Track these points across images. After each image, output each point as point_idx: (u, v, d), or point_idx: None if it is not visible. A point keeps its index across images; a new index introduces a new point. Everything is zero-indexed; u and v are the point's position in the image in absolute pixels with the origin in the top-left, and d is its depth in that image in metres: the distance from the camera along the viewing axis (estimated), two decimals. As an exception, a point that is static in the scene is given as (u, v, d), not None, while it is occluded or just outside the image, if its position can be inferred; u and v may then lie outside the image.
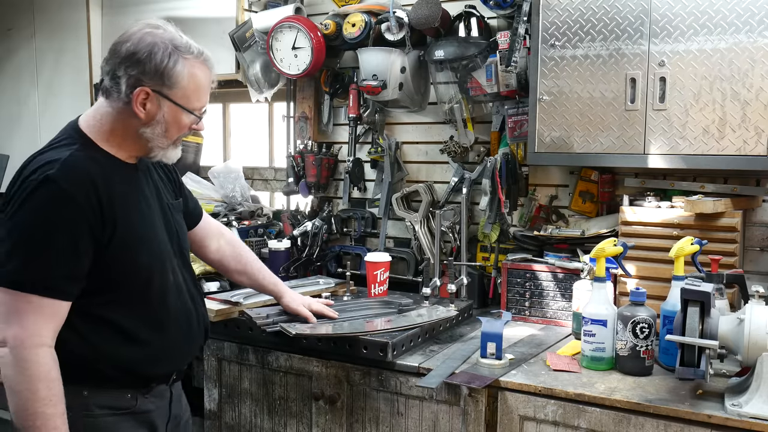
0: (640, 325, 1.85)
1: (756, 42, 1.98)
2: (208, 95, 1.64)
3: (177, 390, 1.81)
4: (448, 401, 1.93)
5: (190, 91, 1.58)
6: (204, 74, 1.61)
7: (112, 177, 1.56)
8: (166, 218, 1.71)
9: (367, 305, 2.36)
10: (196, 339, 1.78)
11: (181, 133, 1.63)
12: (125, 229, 1.55)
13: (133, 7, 3.53)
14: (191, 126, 1.64)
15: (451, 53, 2.57)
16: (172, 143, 1.63)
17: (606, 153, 2.21)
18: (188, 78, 1.57)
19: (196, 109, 1.61)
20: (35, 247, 1.46)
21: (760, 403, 1.60)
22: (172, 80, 1.55)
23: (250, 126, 3.69)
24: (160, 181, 1.76)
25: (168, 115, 1.58)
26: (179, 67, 1.55)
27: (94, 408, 1.58)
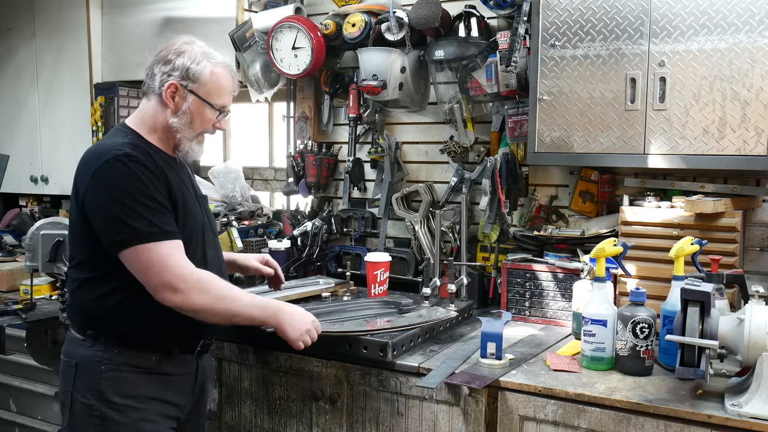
0: (640, 325, 1.85)
1: (756, 42, 1.98)
2: (230, 98, 1.89)
3: (203, 362, 1.97)
4: (448, 401, 1.93)
5: (213, 88, 1.84)
6: (226, 77, 1.87)
7: (161, 157, 1.83)
8: (200, 203, 1.95)
9: (367, 305, 2.36)
10: None
11: (204, 127, 1.87)
12: (176, 196, 1.80)
13: (133, 6, 3.53)
14: (214, 124, 1.89)
15: (451, 53, 2.57)
16: (197, 136, 1.87)
17: (606, 153, 2.21)
18: (210, 76, 1.83)
19: (217, 105, 1.86)
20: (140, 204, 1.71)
21: (760, 403, 1.60)
22: (196, 77, 1.82)
23: (250, 126, 3.69)
24: (191, 176, 2.01)
25: (192, 107, 1.83)
26: (203, 67, 1.82)
27: (120, 363, 1.79)
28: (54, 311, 2.57)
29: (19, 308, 2.64)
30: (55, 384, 2.80)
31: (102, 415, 1.77)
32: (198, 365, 1.94)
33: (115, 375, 1.78)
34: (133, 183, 1.71)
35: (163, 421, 1.84)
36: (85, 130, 3.64)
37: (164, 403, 1.85)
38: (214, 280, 1.78)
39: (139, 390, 1.80)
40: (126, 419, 1.78)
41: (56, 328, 2.54)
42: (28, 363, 2.81)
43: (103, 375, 1.78)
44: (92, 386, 1.78)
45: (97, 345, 1.80)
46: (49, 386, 2.84)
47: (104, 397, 1.77)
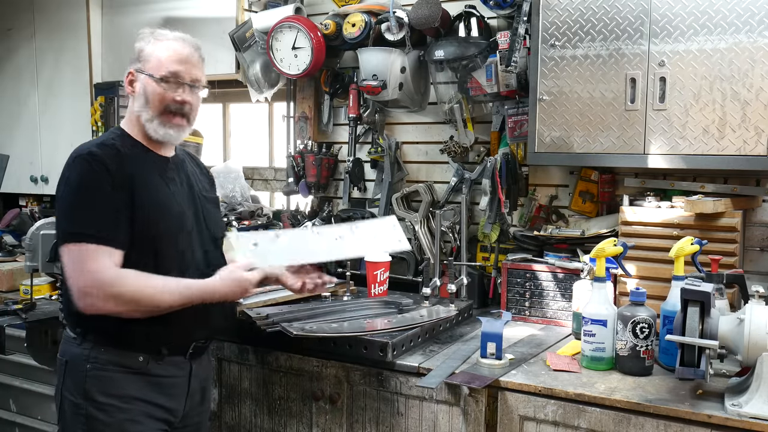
0: (640, 325, 1.85)
1: (756, 42, 1.98)
2: (180, 65, 1.80)
3: (200, 364, 1.92)
4: (448, 401, 1.93)
5: (159, 62, 1.79)
6: (171, 46, 1.81)
7: (136, 155, 1.80)
8: (195, 203, 1.90)
9: (367, 305, 2.36)
10: (211, 319, 1.86)
11: (161, 104, 1.79)
12: (142, 196, 1.74)
13: (133, 6, 3.53)
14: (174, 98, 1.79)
15: (451, 53, 2.57)
16: (158, 116, 1.80)
17: (606, 153, 2.21)
18: (157, 51, 1.80)
19: (162, 75, 1.78)
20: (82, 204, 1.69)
21: (760, 403, 1.60)
22: (144, 56, 1.81)
23: (250, 126, 3.69)
24: (193, 174, 1.97)
25: (144, 86, 1.80)
26: (151, 45, 1.82)
27: (106, 363, 1.76)
28: (54, 311, 2.57)
29: (19, 308, 2.64)
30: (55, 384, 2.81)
31: (87, 414, 1.76)
32: (191, 368, 1.89)
33: (101, 374, 1.76)
34: (81, 181, 1.70)
35: (149, 422, 1.80)
36: (85, 130, 3.64)
37: (151, 405, 1.80)
38: (129, 282, 1.68)
39: (125, 390, 1.77)
40: (111, 419, 1.75)
41: (56, 328, 2.53)
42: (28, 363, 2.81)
43: (88, 374, 1.76)
44: (79, 385, 1.77)
45: (85, 343, 1.78)
46: (49, 386, 2.83)
47: (89, 396, 1.75)
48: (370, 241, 2.05)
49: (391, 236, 2.07)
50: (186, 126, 1.86)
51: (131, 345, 1.77)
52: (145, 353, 1.79)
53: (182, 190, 1.88)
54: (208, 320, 1.86)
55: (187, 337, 1.85)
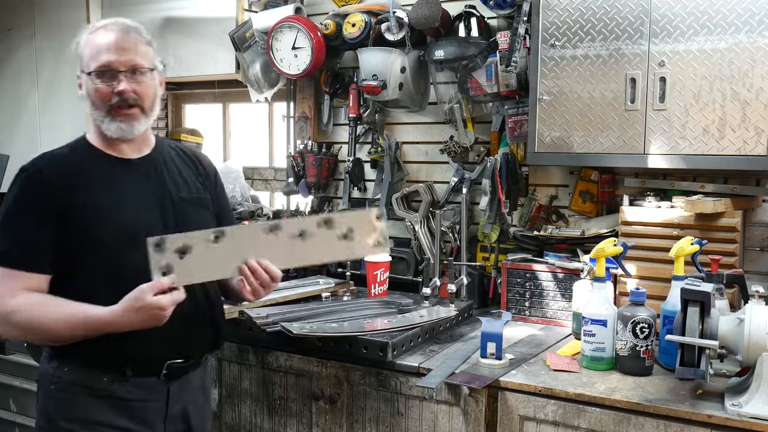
0: (640, 325, 1.85)
1: (756, 42, 1.98)
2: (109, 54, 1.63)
3: (182, 387, 1.74)
4: (448, 401, 1.93)
5: (90, 56, 1.65)
6: (103, 36, 1.65)
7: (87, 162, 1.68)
8: (164, 209, 1.72)
9: (367, 305, 2.36)
10: (188, 337, 1.70)
11: (104, 100, 1.64)
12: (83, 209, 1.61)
13: (133, 6, 3.53)
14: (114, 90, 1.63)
15: (451, 53, 2.57)
16: (107, 115, 1.65)
17: (606, 153, 2.21)
18: (88, 46, 1.66)
19: (93, 68, 1.63)
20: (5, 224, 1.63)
21: (760, 403, 1.60)
22: (80, 54, 1.68)
23: (250, 126, 3.69)
24: (174, 174, 1.79)
25: (86, 85, 1.67)
26: (84, 41, 1.68)
27: (69, 383, 1.64)
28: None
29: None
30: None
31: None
32: (169, 392, 1.71)
33: (63, 396, 1.64)
34: (12, 200, 1.62)
35: None
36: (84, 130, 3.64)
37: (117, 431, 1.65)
38: (24, 311, 1.56)
39: (88, 414, 1.62)
40: None
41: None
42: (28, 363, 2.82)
43: (52, 395, 1.65)
44: (43, 407, 1.67)
45: (53, 361, 1.67)
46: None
47: (50, 418, 1.65)
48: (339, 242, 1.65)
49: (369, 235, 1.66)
50: (140, 115, 1.67)
51: (96, 364, 1.63)
52: (109, 373, 1.64)
53: (144, 194, 1.71)
54: (185, 338, 1.70)
55: (155, 357, 1.67)
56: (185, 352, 1.73)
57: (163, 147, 1.83)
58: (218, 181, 1.94)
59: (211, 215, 1.84)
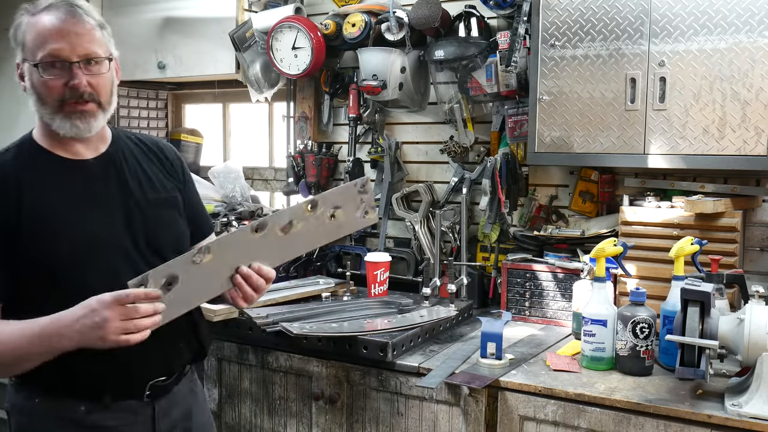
0: (640, 325, 1.85)
1: (756, 42, 1.98)
2: (63, 42, 1.41)
3: (171, 402, 1.59)
4: (448, 401, 1.93)
5: (35, 43, 1.42)
6: (47, 19, 1.42)
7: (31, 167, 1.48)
8: (130, 214, 1.53)
9: (367, 305, 2.36)
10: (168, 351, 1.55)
11: (53, 95, 1.44)
12: (34, 223, 1.43)
13: (132, 7, 3.53)
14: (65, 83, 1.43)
15: (451, 53, 2.57)
16: (56, 111, 1.45)
17: (606, 153, 2.21)
18: (31, 30, 1.43)
19: (40, 60, 1.42)
20: None
21: (760, 403, 1.60)
22: (21, 41, 1.46)
23: (250, 126, 3.69)
24: (136, 172, 1.59)
25: (30, 77, 1.46)
26: (24, 25, 1.45)
27: (44, 417, 1.47)
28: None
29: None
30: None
31: None
32: (155, 411, 1.55)
33: (36, 429, 1.47)
34: None
35: None
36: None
37: None
38: None
39: None
40: None
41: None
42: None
43: (23, 429, 1.49)
44: None
45: (21, 391, 1.49)
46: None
47: None
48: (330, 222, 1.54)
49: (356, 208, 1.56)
50: (97, 111, 1.47)
51: (69, 391, 1.45)
52: (85, 401, 1.46)
53: (104, 199, 1.51)
54: (166, 354, 1.55)
55: (136, 378, 1.51)
56: (167, 369, 1.57)
57: (121, 142, 1.60)
58: (186, 174, 1.72)
59: (181, 216, 1.64)
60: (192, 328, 1.63)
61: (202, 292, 1.47)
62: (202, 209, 1.78)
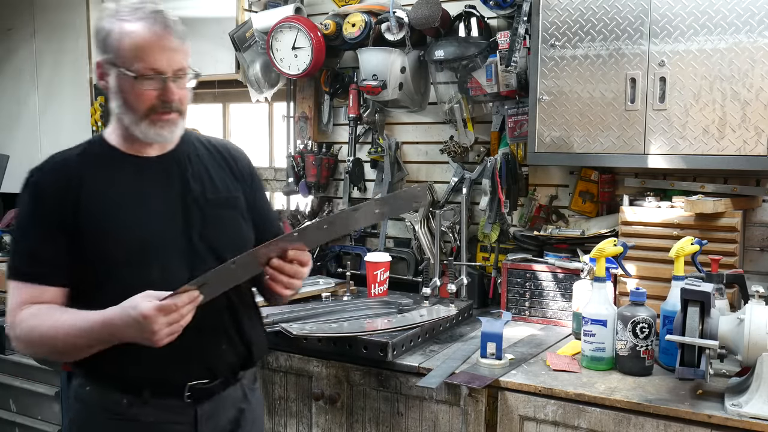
0: (640, 325, 1.85)
1: (756, 42, 1.98)
2: (156, 56, 1.46)
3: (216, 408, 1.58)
4: (448, 401, 1.93)
5: (127, 51, 1.46)
6: (145, 31, 1.46)
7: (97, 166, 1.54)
8: (188, 211, 1.56)
9: (367, 305, 2.36)
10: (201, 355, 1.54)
11: (143, 104, 1.48)
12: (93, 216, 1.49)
13: (133, 7, 3.53)
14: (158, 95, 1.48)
15: (451, 53, 2.57)
16: (144, 118, 1.50)
17: (606, 153, 2.21)
18: (126, 38, 1.46)
19: (137, 71, 1.46)
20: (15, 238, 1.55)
21: (760, 403, 1.60)
22: (109, 44, 1.49)
23: (250, 126, 3.69)
24: (200, 171, 1.62)
25: (119, 84, 1.49)
26: (115, 28, 1.48)
27: (93, 405, 1.53)
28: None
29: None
30: (55, 384, 2.81)
31: None
32: (197, 414, 1.55)
33: (84, 417, 1.54)
34: (19, 213, 1.54)
35: None
36: (85, 131, 3.64)
37: None
38: (25, 320, 1.45)
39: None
40: None
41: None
42: (28, 363, 2.82)
43: (75, 415, 1.56)
44: (68, 425, 1.58)
45: (78, 378, 1.56)
46: (49, 386, 2.84)
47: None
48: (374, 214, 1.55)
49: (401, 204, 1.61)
50: (180, 119, 1.54)
51: (113, 384, 1.51)
52: (128, 394, 1.51)
53: (163, 195, 1.56)
54: (207, 356, 1.55)
55: (174, 377, 1.52)
56: (209, 372, 1.56)
57: (189, 142, 1.65)
58: (255, 179, 1.74)
59: (243, 218, 1.66)
60: (237, 331, 1.60)
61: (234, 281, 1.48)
62: (269, 214, 1.80)
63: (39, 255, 1.49)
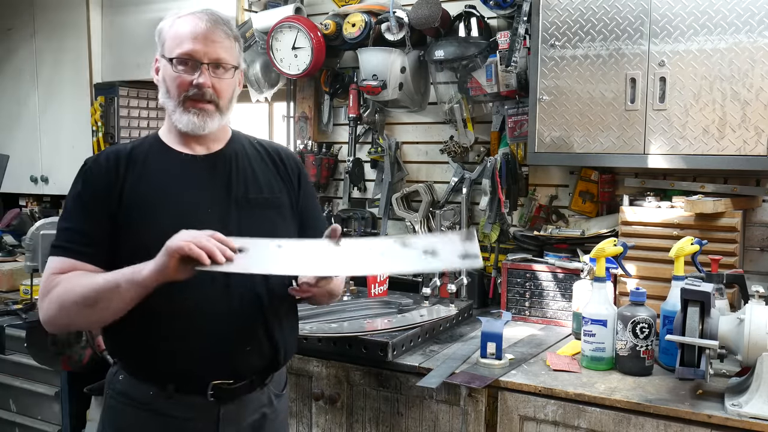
0: (640, 325, 1.85)
1: (756, 42, 1.98)
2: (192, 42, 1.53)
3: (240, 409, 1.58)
4: (448, 401, 1.93)
5: (173, 41, 1.56)
6: (191, 23, 1.56)
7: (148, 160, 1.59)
8: (225, 208, 1.58)
9: (367, 305, 2.36)
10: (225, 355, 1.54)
11: (179, 90, 1.55)
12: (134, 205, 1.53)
13: (133, 6, 3.53)
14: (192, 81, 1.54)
15: (451, 53, 2.57)
16: (180, 105, 1.56)
17: (606, 153, 2.21)
18: (172, 30, 1.57)
19: (174, 55, 1.55)
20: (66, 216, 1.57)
21: (760, 403, 1.60)
22: (162, 38, 1.59)
23: (250, 126, 3.68)
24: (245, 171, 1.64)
25: (163, 71, 1.59)
26: (168, 24, 1.59)
27: (120, 392, 1.57)
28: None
29: (19, 308, 2.64)
30: (55, 384, 2.80)
31: None
32: (219, 413, 1.55)
33: (115, 405, 1.57)
34: (71, 192, 1.58)
35: None
36: (85, 130, 3.63)
37: None
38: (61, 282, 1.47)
39: (133, 428, 1.55)
40: None
41: (56, 328, 2.53)
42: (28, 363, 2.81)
43: (108, 402, 1.59)
44: (102, 414, 1.61)
45: (114, 367, 1.61)
46: (49, 386, 2.84)
47: (104, 427, 1.59)
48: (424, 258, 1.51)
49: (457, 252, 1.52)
50: (214, 111, 1.57)
51: (142, 375, 1.55)
52: (154, 387, 1.53)
53: (203, 193, 1.58)
54: (231, 356, 1.54)
55: (198, 375, 1.53)
56: (234, 373, 1.56)
57: (239, 143, 1.70)
58: (303, 182, 1.74)
59: (283, 218, 1.66)
60: (265, 333, 1.59)
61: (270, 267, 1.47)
62: (316, 216, 1.79)
63: (81, 233, 1.52)
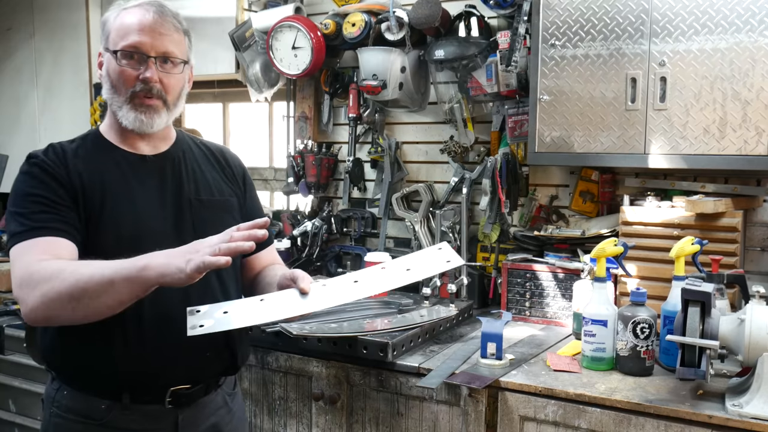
0: (640, 326, 1.84)
1: (756, 42, 1.97)
2: (145, 36, 1.47)
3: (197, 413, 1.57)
4: (448, 401, 1.93)
5: (117, 33, 1.49)
6: (136, 14, 1.49)
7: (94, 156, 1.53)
8: (180, 212, 1.55)
9: (367, 305, 2.35)
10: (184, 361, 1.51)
11: (125, 86, 1.48)
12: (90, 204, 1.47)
13: (132, 6, 3.53)
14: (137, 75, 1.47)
15: (451, 53, 2.56)
16: (126, 102, 1.50)
17: (606, 153, 2.21)
18: (117, 21, 1.50)
19: (123, 50, 1.47)
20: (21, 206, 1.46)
21: (761, 403, 1.60)
22: (107, 31, 1.52)
23: (250, 126, 3.69)
24: (194, 172, 1.62)
25: (108, 65, 1.51)
26: (114, 15, 1.52)
27: (67, 409, 1.49)
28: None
29: (18, 308, 2.63)
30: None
31: None
32: (178, 420, 1.52)
33: (62, 423, 1.48)
34: (18, 186, 1.48)
35: None
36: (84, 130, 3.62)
37: None
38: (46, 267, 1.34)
39: None
40: None
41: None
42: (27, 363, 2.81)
43: (51, 421, 1.50)
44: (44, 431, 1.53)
45: (54, 382, 1.52)
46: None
47: None
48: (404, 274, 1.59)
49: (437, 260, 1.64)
50: (161, 109, 1.52)
51: (91, 388, 1.47)
52: (107, 399, 1.47)
53: (156, 195, 1.54)
54: (190, 362, 1.52)
55: (156, 382, 1.49)
56: (192, 378, 1.54)
57: (184, 143, 1.66)
58: (247, 183, 1.75)
59: (234, 219, 1.60)
60: (225, 339, 1.58)
61: None
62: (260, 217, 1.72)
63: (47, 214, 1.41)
